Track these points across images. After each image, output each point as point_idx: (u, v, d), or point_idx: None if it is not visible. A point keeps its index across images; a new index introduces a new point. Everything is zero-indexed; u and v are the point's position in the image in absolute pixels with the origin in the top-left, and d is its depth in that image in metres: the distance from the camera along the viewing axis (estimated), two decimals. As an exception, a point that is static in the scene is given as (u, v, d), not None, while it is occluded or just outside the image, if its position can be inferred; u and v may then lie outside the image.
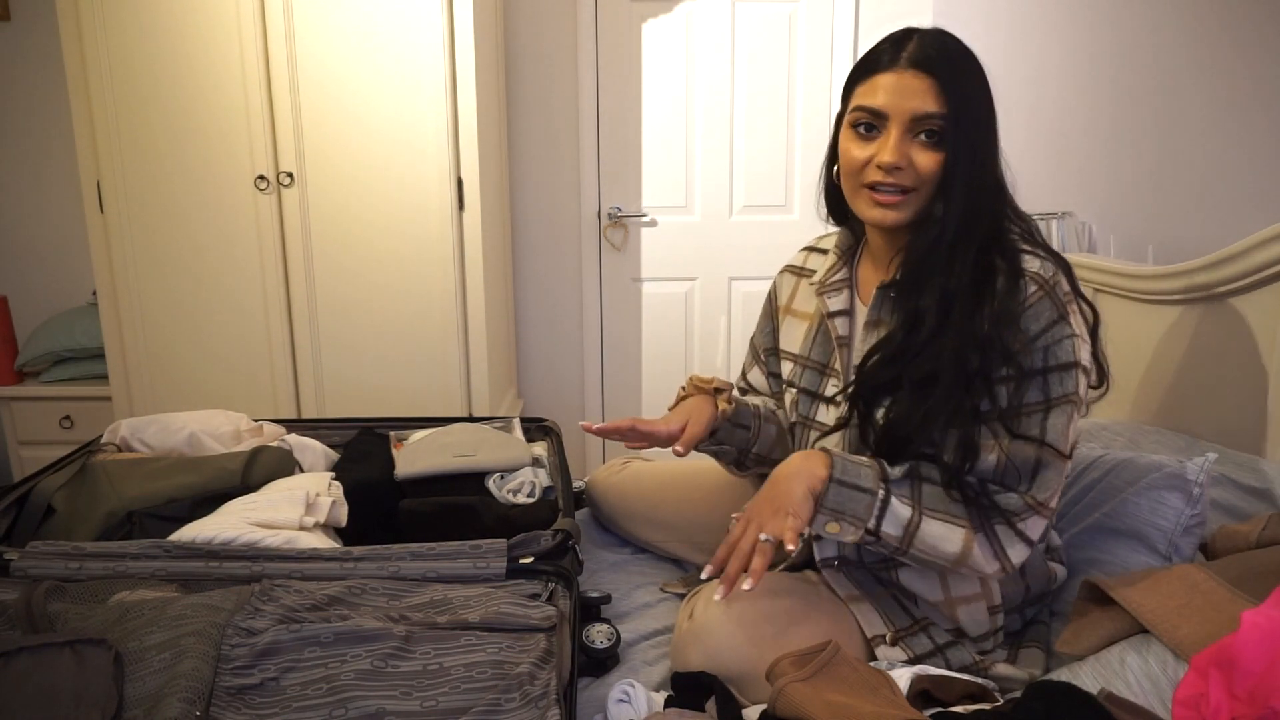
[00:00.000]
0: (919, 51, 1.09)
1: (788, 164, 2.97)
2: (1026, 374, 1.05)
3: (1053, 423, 1.06)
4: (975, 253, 1.09)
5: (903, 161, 1.08)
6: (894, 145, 1.08)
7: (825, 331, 1.27)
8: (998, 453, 1.06)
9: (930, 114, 1.07)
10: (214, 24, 2.19)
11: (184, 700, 0.88)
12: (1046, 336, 1.06)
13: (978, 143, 1.09)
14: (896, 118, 1.08)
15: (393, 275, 2.33)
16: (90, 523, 1.32)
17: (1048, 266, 1.08)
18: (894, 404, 1.11)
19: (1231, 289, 1.45)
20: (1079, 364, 1.07)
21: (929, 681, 1.04)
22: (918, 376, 1.08)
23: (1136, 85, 2.87)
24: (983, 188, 1.10)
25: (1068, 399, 1.06)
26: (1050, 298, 1.06)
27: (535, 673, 0.97)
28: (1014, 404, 1.06)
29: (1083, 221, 2.88)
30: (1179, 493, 1.22)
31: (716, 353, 3.11)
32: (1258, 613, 0.87)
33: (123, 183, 2.27)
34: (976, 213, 1.09)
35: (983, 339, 1.05)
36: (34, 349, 2.67)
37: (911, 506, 1.08)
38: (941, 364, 1.06)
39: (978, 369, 1.06)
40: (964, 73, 1.09)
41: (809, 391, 1.28)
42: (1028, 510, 1.07)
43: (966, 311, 1.07)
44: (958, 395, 1.06)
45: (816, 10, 2.87)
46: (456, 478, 1.50)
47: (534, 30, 2.87)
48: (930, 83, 1.07)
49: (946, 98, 1.07)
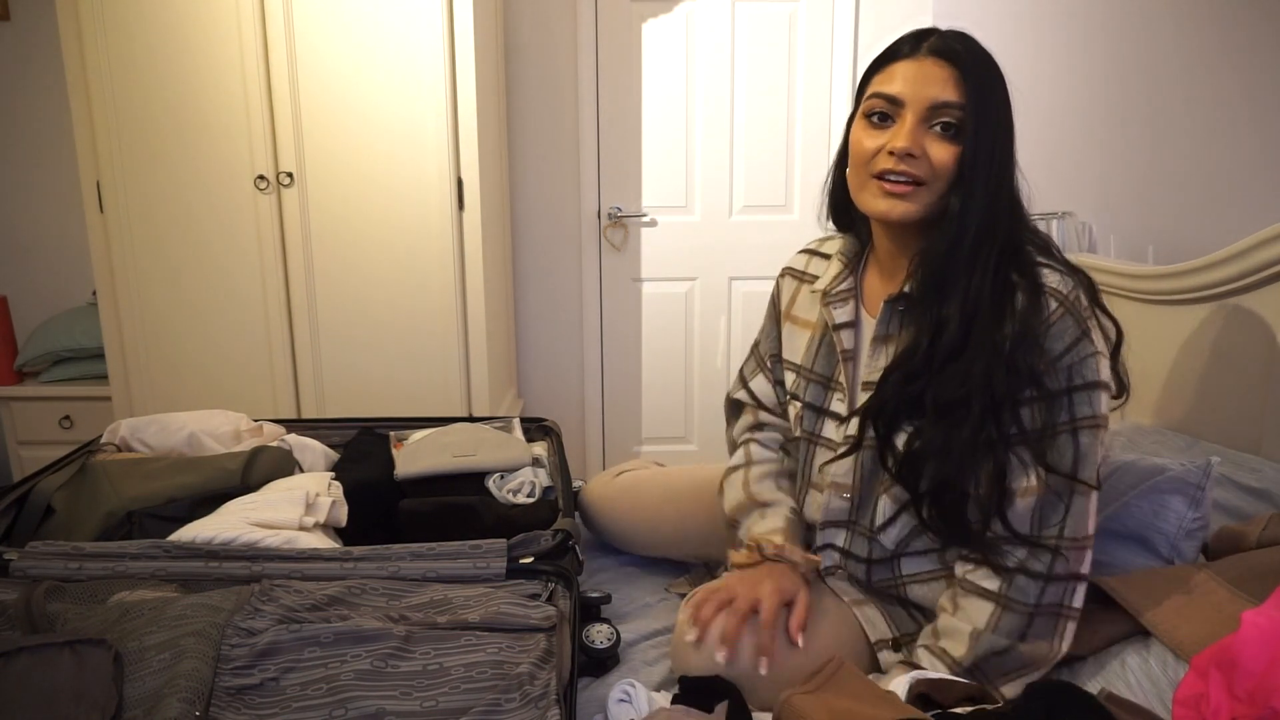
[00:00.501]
0: (941, 42, 1.05)
1: (788, 164, 2.97)
2: (1053, 396, 1.01)
3: (1083, 451, 1.01)
4: (995, 264, 1.04)
5: (917, 149, 1.04)
6: (909, 130, 1.03)
7: (830, 344, 1.21)
8: (1031, 491, 1.02)
9: (949, 103, 1.02)
10: (214, 24, 2.19)
11: (184, 700, 0.88)
12: (1070, 356, 1.01)
13: (998, 142, 1.04)
14: (913, 105, 1.04)
15: (392, 275, 2.33)
16: (90, 523, 1.32)
17: (1067, 281, 1.04)
18: (917, 429, 1.06)
19: (1231, 289, 1.45)
20: (1103, 384, 1.03)
21: (927, 685, 1.04)
22: (945, 399, 1.03)
23: (1136, 85, 2.87)
24: (1000, 191, 1.05)
25: (1095, 422, 1.02)
26: (1072, 314, 1.02)
27: (535, 673, 0.97)
28: (1042, 431, 1.02)
29: (1083, 221, 2.88)
30: (1182, 496, 1.21)
31: (716, 353, 3.11)
32: (1258, 613, 0.87)
33: (123, 183, 2.27)
34: (995, 217, 1.04)
35: (1007, 360, 1.00)
36: (34, 349, 2.67)
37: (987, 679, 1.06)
38: (971, 387, 1.01)
39: (1005, 394, 1.01)
40: (987, 69, 1.05)
41: (814, 406, 1.23)
42: (1079, 555, 1.03)
43: (988, 328, 1.02)
44: (989, 422, 1.01)
45: (816, 10, 2.87)
46: (456, 478, 1.50)
47: (534, 30, 2.87)
48: (952, 72, 1.03)
49: (967, 89, 1.02)
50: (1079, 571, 1.03)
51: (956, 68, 1.03)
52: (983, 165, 1.03)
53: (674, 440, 3.18)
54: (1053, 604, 1.03)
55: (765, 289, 1.45)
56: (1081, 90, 2.88)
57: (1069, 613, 1.03)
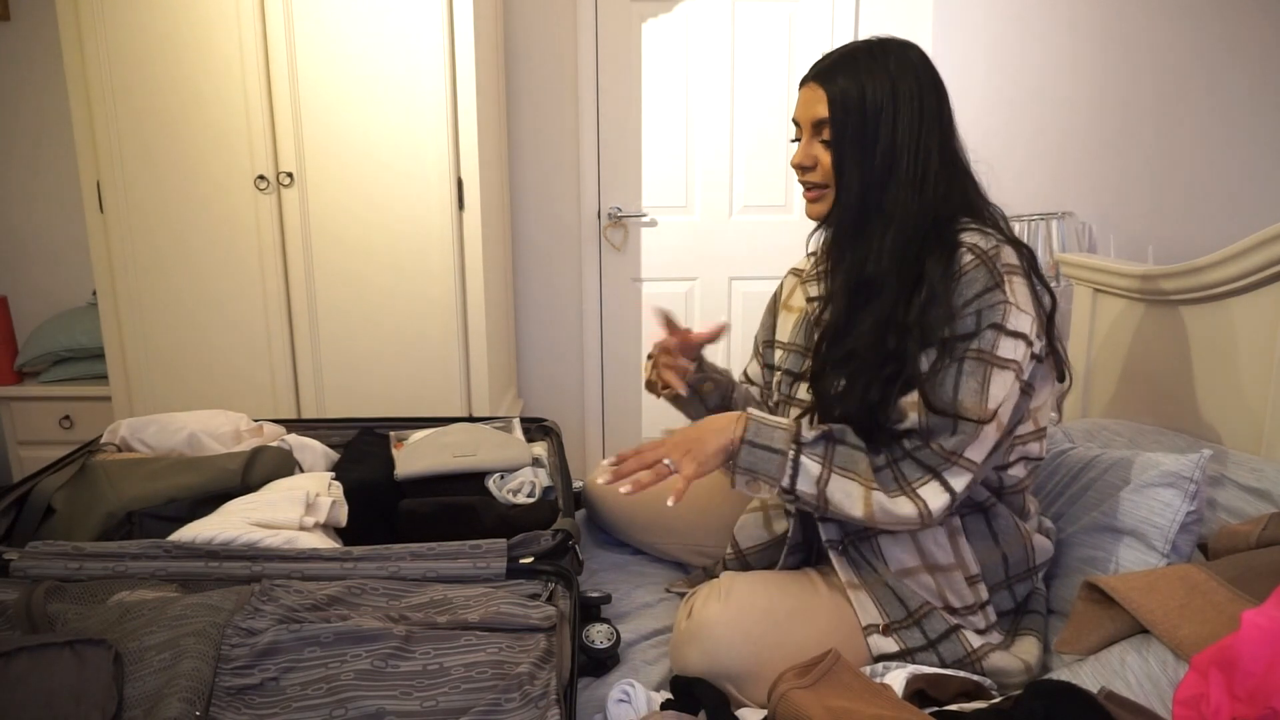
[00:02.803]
0: (818, 65, 1.22)
1: (787, 164, 2.97)
2: (948, 340, 1.10)
3: (964, 378, 1.09)
4: (896, 240, 1.15)
5: (809, 161, 1.23)
6: (800, 149, 1.24)
7: (810, 318, 1.34)
8: (919, 411, 1.11)
9: (822, 118, 1.20)
10: (214, 24, 2.19)
11: (184, 700, 0.88)
12: (979, 302, 1.10)
13: (876, 133, 1.16)
14: (804, 124, 1.24)
15: (393, 275, 2.33)
16: (90, 523, 1.32)
17: (989, 240, 1.13)
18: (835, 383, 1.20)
19: (1231, 289, 1.45)
20: (1008, 329, 1.10)
21: (924, 681, 1.04)
22: (837, 356, 1.19)
23: (1136, 86, 2.88)
24: (889, 173, 1.16)
25: (983, 356, 1.09)
26: (985, 266, 1.11)
27: (535, 673, 0.97)
28: (937, 366, 1.11)
29: (1083, 221, 2.88)
30: (1176, 490, 1.22)
31: (717, 353, 3.11)
32: (1258, 613, 0.87)
33: (123, 183, 2.27)
34: (880, 197, 1.17)
35: (906, 321, 1.12)
36: (34, 349, 2.67)
37: (821, 464, 1.13)
38: (859, 343, 1.16)
39: (895, 349, 1.13)
40: (854, 72, 1.17)
41: (790, 372, 1.36)
42: (943, 462, 1.10)
43: (896, 295, 1.14)
44: (872, 368, 1.14)
45: (816, 10, 2.88)
46: (456, 478, 1.50)
47: (534, 30, 2.87)
48: (820, 91, 1.20)
49: (828, 100, 1.18)
50: (940, 471, 1.10)
51: (823, 86, 1.19)
52: (850, 156, 1.18)
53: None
54: (904, 475, 1.11)
55: (765, 289, 1.50)
56: (1082, 90, 2.88)
57: (908, 489, 1.11)
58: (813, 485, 1.13)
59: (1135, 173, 2.93)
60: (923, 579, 1.18)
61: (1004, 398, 1.10)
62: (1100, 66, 2.86)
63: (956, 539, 1.18)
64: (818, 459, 1.13)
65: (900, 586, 1.19)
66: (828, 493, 1.12)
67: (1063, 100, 2.88)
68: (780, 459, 1.13)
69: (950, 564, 1.18)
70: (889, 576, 1.19)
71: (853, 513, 1.12)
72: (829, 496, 1.13)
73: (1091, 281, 1.87)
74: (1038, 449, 1.22)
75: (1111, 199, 2.94)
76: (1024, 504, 1.25)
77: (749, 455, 1.14)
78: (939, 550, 1.18)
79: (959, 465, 1.10)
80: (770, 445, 1.14)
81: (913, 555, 1.18)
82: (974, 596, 1.18)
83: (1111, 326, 1.80)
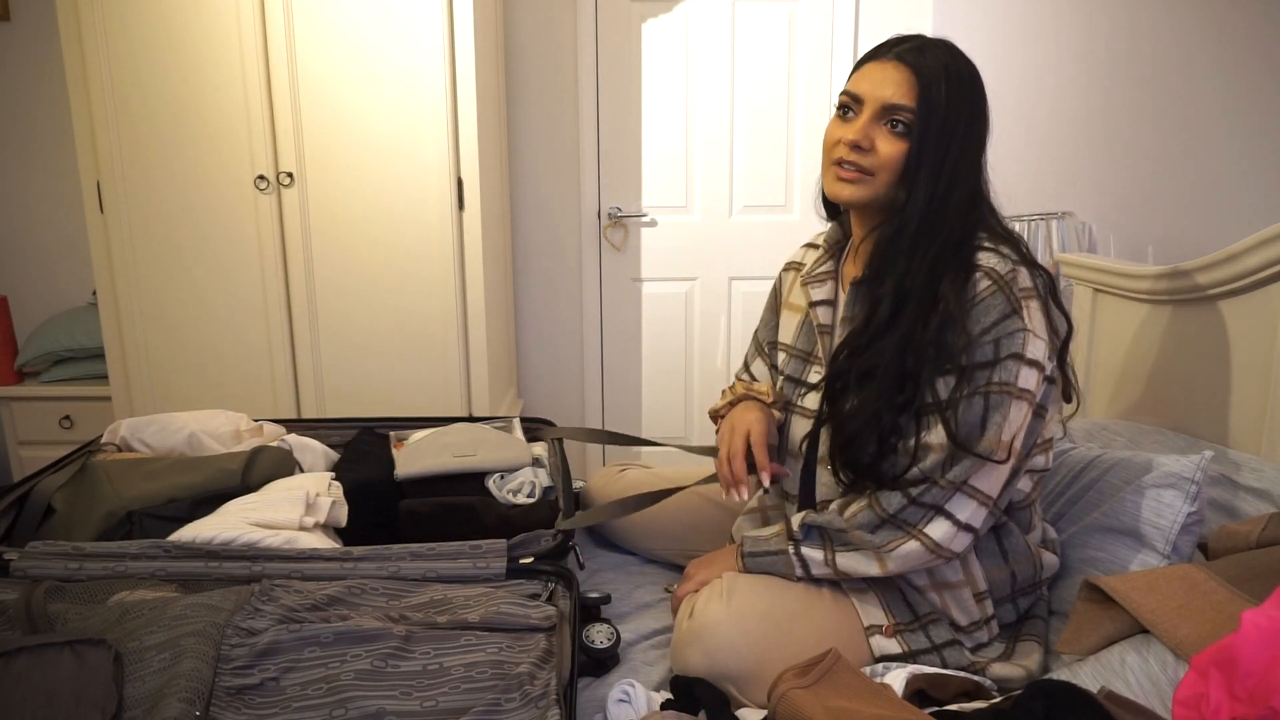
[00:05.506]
0: (909, 49, 1.14)
1: (788, 164, 2.97)
2: (967, 369, 1.08)
3: (990, 413, 1.07)
4: (935, 255, 1.11)
5: (865, 142, 1.13)
6: (860, 125, 1.13)
7: (811, 321, 1.31)
8: (940, 447, 1.09)
9: (900, 106, 1.11)
10: (214, 24, 2.19)
11: (184, 700, 0.88)
12: (997, 330, 1.08)
13: (950, 147, 1.11)
14: (870, 103, 1.13)
15: (393, 275, 2.33)
16: (90, 523, 1.32)
17: (1006, 264, 1.10)
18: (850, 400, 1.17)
19: (1231, 289, 1.45)
20: (1026, 358, 1.08)
21: (924, 680, 1.04)
22: (860, 371, 1.14)
23: (1137, 85, 2.88)
24: (950, 190, 1.12)
25: (1007, 389, 1.07)
26: (1003, 292, 1.08)
27: (535, 673, 0.97)
28: (956, 396, 1.08)
29: (1083, 221, 2.88)
30: (1177, 491, 1.22)
31: (717, 353, 3.11)
32: (1258, 613, 0.87)
33: (123, 183, 2.27)
34: (941, 213, 1.11)
35: (923, 342, 1.09)
36: (34, 349, 2.67)
37: (823, 549, 1.17)
38: (882, 361, 1.12)
39: (912, 370, 1.10)
40: (950, 79, 1.11)
41: (793, 378, 1.32)
42: (945, 495, 1.09)
43: (916, 313, 1.10)
44: (889, 392, 1.11)
45: (816, 10, 2.87)
46: (456, 478, 1.50)
47: (534, 30, 2.87)
48: (908, 76, 1.11)
49: (919, 95, 1.10)
50: (942, 505, 1.10)
51: (915, 74, 1.11)
52: (928, 165, 1.11)
53: (674, 440, 3.18)
54: (906, 521, 1.11)
55: (765, 289, 1.49)
56: (1082, 90, 2.88)
57: (918, 535, 1.11)
58: (823, 567, 1.17)
59: (1135, 173, 2.93)
60: (930, 596, 1.18)
61: (1019, 428, 1.10)
62: (1100, 66, 2.86)
63: (967, 556, 1.18)
64: (817, 546, 1.18)
65: (908, 591, 1.19)
66: (840, 568, 1.16)
67: (1063, 100, 2.88)
68: (784, 558, 1.19)
69: (959, 581, 1.18)
70: (898, 580, 1.19)
71: (871, 573, 1.15)
72: (843, 569, 1.16)
73: (1091, 281, 1.87)
74: (1043, 461, 1.22)
75: (1111, 199, 2.93)
76: (1030, 518, 1.24)
77: (754, 565, 1.21)
78: (948, 568, 1.18)
79: (962, 493, 1.10)
80: (768, 550, 1.21)
81: (921, 574, 1.19)
82: (980, 612, 1.18)
83: (1112, 326, 1.80)
